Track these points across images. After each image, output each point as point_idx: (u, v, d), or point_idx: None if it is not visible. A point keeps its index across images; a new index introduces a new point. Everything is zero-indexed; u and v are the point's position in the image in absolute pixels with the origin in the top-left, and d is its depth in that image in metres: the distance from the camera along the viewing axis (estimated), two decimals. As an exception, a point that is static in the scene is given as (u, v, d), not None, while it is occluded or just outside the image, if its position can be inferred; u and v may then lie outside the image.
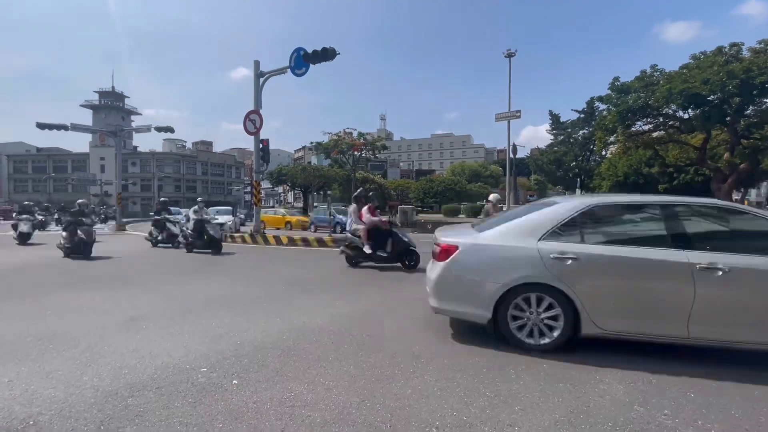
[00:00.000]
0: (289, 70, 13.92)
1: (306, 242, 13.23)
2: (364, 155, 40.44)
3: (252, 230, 15.22)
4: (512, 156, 27.73)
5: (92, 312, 4.77)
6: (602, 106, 24.46)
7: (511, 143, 26.91)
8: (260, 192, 16.02)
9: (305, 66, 13.62)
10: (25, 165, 76.12)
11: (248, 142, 19.85)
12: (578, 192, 27.40)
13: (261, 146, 15.23)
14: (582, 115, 37.64)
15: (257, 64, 15.15)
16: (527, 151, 60.46)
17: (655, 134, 23.84)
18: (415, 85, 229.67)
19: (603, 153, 36.80)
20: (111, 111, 78.43)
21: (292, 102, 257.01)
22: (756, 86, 16.72)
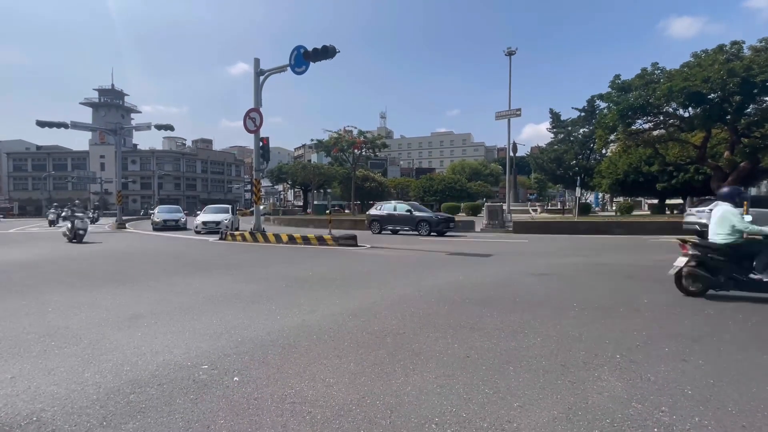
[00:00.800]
0: (290, 68, 13.93)
1: (306, 240, 13.25)
2: (365, 153, 40.44)
3: (252, 228, 15.24)
4: (512, 154, 27.75)
5: (93, 309, 4.79)
6: (603, 105, 24.46)
7: (512, 142, 26.91)
8: (260, 190, 16.03)
9: (305, 64, 13.62)
10: (25, 163, 76.12)
11: (248, 140, 19.79)
12: (578, 191, 27.33)
13: (261, 144, 15.24)
14: (582, 114, 37.60)
15: (257, 62, 15.14)
16: (528, 150, 60.41)
17: (656, 133, 23.84)
18: (416, 84, 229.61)
19: (603, 151, 36.80)
20: (111, 109, 78.43)
21: (293, 100, 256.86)
22: (756, 85, 16.71)
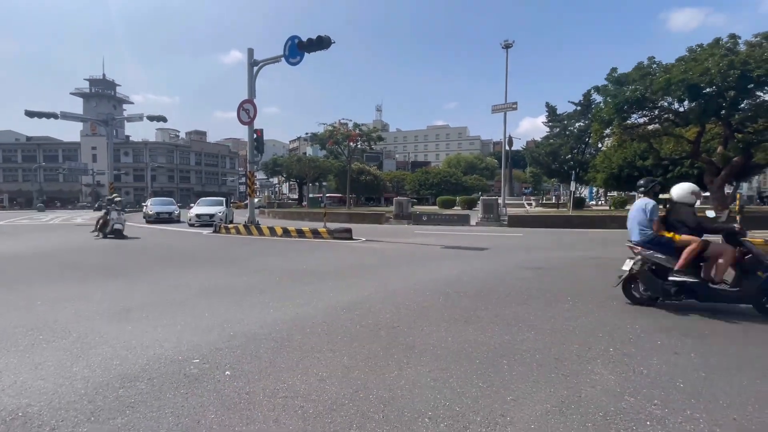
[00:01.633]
0: (284, 59, 13.73)
1: (301, 233, 13.19)
2: (360, 146, 40.16)
3: (246, 221, 15.13)
4: (508, 148, 27.72)
5: (83, 302, 4.72)
6: (599, 98, 24.44)
7: (507, 135, 26.86)
8: (255, 183, 15.90)
9: (300, 55, 13.43)
10: (15, 154, 74.85)
11: (242, 132, 19.59)
12: (573, 185, 27.42)
13: (255, 136, 15.08)
14: (578, 108, 37.57)
15: (251, 53, 14.91)
16: (524, 144, 60.41)
17: (651, 127, 23.90)
18: (412, 77, 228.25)
19: (599, 145, 36.86)
20: (102, 99, 77.17)
21: (288, 91, 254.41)
22: (753, 79, 16.76)
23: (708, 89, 18.04)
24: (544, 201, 44.88)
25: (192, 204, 24.79)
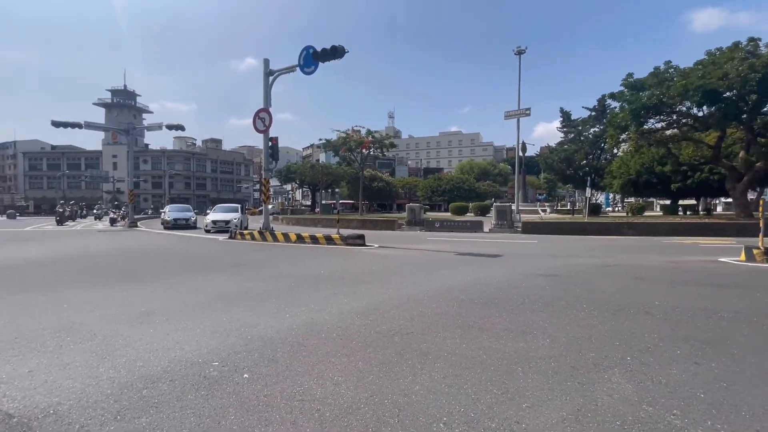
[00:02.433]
0: (299, 69, 14.00)
1: (314, 239, 13.32)
2: (373, 153, 40.42)
3: (261, 227, 15.37)
4: (521, 154, 27.54)
5: (107, 305, 4.88)
6: (614, 104, 24.13)
7: (521, 141, 26.73)
8: (269, 189, 16.15)
9: (314, 64, 13.68)
10: (40, 162, 77.73)
11: (257, 140, 19.94)
12: (588, 191, 27.03)
13: (270, 144, 15.35)
14: (593, 113, 37.13)
15: (266, 63, 15.26)
16: (537, 149, 59.85)
17: (669, 132, 23.45)
18: (424, 83, 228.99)
19: (614, 151, 36.30)
20: (123, 109, 79.70)
21: (301, 98, 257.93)
22: (774, 83, 16.34)
23: (728, 93, 17.64)
24: (559, 207, 44.27)
25: (208, 210, 25.30)
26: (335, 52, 13.11)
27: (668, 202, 39.52)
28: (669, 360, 3.17)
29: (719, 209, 48.21)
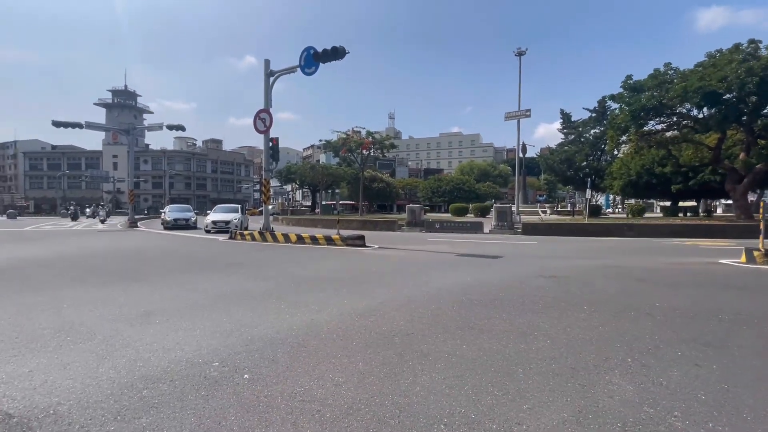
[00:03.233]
0: (299, 69, 14.01)
1: (314, 240, 13.31)
2: (373, 154, 40.46)
3: (261, 228, 15.36)
4: (521, 155, 27.53)
5: (107, 305, 4.88)
6: (614, 105, 24.14)
7: (521, 142, 26.73)
8: (269, 190, 16.15)
9: (315, 65, 13.69)
10: (41, 162, 77.75)
11: (257, 140, 19.96)
12: (588, 192, 27.03)
13: (270, 145, 15.36)
14: (593, 114, 37.18)
15: (267, 63, 15.27)
16: (538, 151, 59.86)
17: (669, 134, 23.47)
18: (425, 84, 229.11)
19: (615, 152, 36.33)
20: (124, 109, 79.78)
21: (301, 98, 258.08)
22: (774, 85, 16.35)
23: (728, 95, 17.66)
24: (559, 208, 44.23)
25: (209, 211, 25.30)
26: (336, 53, 13.13)
27: (668, 204, 39.53)
28: (670, 362, 3.17)
29: (719, 211, 48.20)
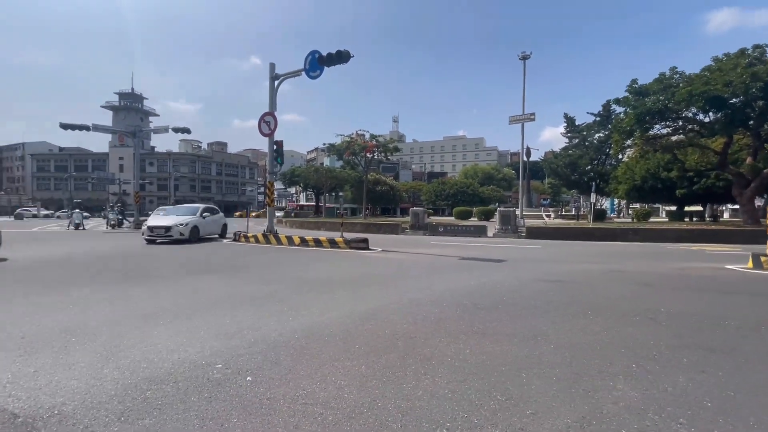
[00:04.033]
0: (304, 73, 14.10)
1: (318, 242, 13.34)
2: (377, 157, 40.51)
3: (265, 230, 15.42)
4: (525, 159, 27.46)
5: (111, 306, 4.92)
6: (619, 109, 24.07)
7: (525, 146, 26.66)
8: (273, 192, 16.22)
9: (320, 69, 13.77)
10: (48, 164, 78.58)
11: (261, 143, 20.05)
12: (593, 196, 26.89)
13: (275, 147, 15.44)
14: (598, 118, 37.05)
15: (272, 67, 15.38)
16: (542, 154, 59.68)
17: (674, 138, 23.33)
18: (429, 87, 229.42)
19: (619, 157, 36.15)
20: (130, 112, 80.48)
21: (305, 100, 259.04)
22: (781, 89, 16.24)
23: (734, 100, 17.56)
24: (564, 213, 44.05)
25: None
26: (340, 57, 13.20)
27: (674, 209, 39.26)
28: (675, 368, 3.14)
29: (726, 216, 47.76)
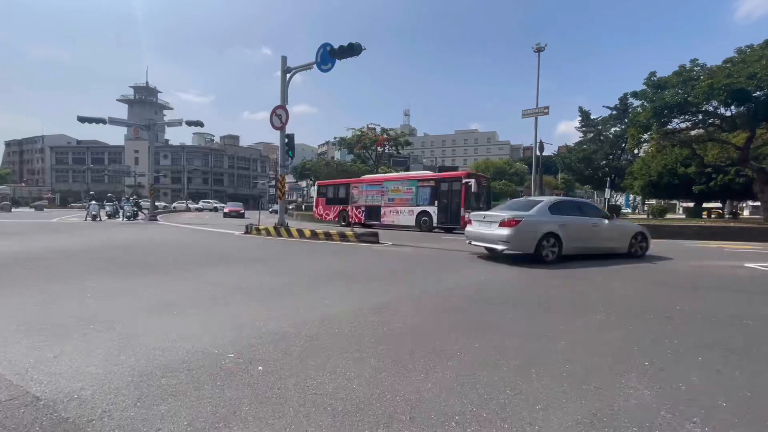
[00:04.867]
0: (316, 66, 14.08)
1: (328, 236, 13.41)
2: (387, 151, 40.44)
3: (276, 223, 15.56)
4: (538, 153, 27.07)
5: (127, 296, 5.04)
6: (636, 103, 23.48)
7: (539, 140, 26.26)
8: (284, 186, 16.33)
9: (331, 61, 13.74)
10: (66, 156, 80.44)
11: (272, 137, 20.21)
12: (608, 192, 26.42)
13: (286, 141, 15.51)
14: (614, 112, 36.25)
15: (284, 60, 15.39)
16: (555, 149, 58.71)
17: (693, 132, 22.70)
18: (440, 80, 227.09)
19: (635, 151, 35.36)
20: (145, 105, 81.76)
21: (318, 93, 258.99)
22: (808, 82, 15.63)
23: (758, 93, 16.97)
24: (577, 208, 43.30)
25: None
26: (352, 50, 13.14)
27: (692, 205, 38.33)
28: (690, 366, 3.09)
29: (746, 213, 46.45)
